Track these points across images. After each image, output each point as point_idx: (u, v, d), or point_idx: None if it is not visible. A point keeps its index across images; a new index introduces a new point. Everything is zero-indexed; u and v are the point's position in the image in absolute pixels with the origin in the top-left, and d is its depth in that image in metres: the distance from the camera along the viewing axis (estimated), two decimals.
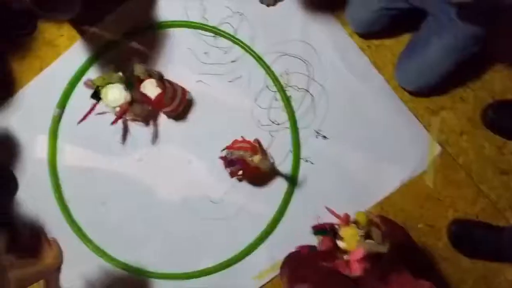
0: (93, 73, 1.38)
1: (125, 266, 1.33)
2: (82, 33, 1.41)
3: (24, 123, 1.42)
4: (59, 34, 1.42)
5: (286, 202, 1.29)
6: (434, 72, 1.13)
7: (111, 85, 1.21)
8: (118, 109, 1.22)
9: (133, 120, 1.33)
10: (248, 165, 1.14)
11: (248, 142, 1.21)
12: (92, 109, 1.25)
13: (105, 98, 1.22)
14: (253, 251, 1.30)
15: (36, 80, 1.43)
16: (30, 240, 1.35)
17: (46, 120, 1.40)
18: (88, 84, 1.23)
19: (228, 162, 1.17)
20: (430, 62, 1.11)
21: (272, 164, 1.26)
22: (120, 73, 1.22)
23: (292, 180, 1.28)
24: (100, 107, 1.25)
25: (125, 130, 1.37)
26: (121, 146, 1.37)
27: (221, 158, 1.20)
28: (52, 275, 1.35)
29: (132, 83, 1.22)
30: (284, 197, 1.28)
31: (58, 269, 1.36)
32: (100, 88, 1.22)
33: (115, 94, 1.21)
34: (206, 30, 1.35)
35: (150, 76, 1.18)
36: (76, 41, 1.41)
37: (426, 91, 1.23)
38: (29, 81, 1.44)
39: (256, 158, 1.12)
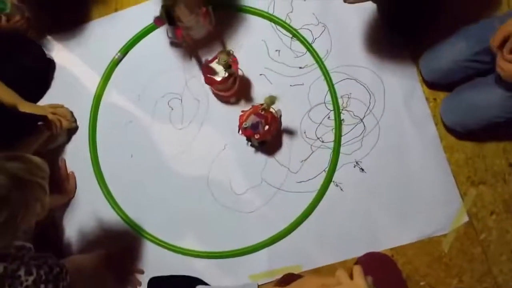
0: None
1: (129, 221, 1.35)
2: None
3: (83, 55, 1.44)
4: None
5: (302, 218, 1.29)
6: (485, 114, 1.15)
7: None
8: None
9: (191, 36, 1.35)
10: (267, 117, 1.18)
11: (249, 109, 1.23)
12: (180, 32, 1.26)
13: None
14: (255, 251, 1.31)
15: (107, 18, 1.45)
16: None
17: (103, 60, 1.42)
18: (158, 20, 1.22)
19: (252, 127, 1.18)
20: (485, 103, 1.13)
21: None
22: None
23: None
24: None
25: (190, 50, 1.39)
26: (166, 111, 1.39)
27: (244, 132, 1.22)
28: (58, 208, 1.37)
29: None
30: (302, 213, 1.29)
31: (66, 203, 1.38)
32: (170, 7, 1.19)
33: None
34: (286, 29, 1.35)
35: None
36: None
37: (465, 130, 1.24)
38: (100, 17, 1.45)
39: (266, 100, 1.13)
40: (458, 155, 1.28)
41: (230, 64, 1.19)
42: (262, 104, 1.16)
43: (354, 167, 1.30)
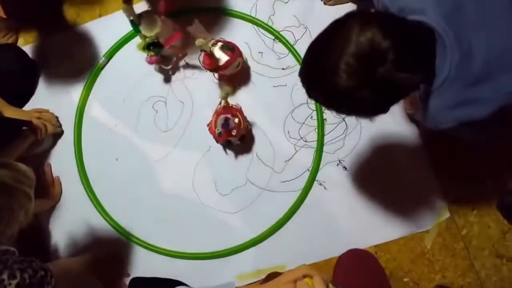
0: None
1: (115, 224, 1.36)
2: None
3: (67, 61, 1.45)
4: None
5: (287, 218, 1.31)
6: None
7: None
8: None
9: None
10: (231, 111, 1.22)
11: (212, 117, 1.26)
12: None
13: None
14: (241, 251, 1.32)
15: (91, 24, 1.46)
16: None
17: (88, 65, 1.43)
18: (150, 58, 1.31)
19: (224, 126, 1.21)
20: None
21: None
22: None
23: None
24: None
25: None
26: (150, 114, 1.40)
27: (220, 140, 1.25)
28: (43, 213, 1.37)
29: None
30: (287, 212, 1.30)
31: (52, 207, 1.38)
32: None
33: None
34: (268, 31, 1.37)
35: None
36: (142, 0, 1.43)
37: None
38: (84, 23, 1.46)
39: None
40: (439, 152, 1.30)
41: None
42: (220, 103, 1.19)
43: (337, 165, 1.32)
